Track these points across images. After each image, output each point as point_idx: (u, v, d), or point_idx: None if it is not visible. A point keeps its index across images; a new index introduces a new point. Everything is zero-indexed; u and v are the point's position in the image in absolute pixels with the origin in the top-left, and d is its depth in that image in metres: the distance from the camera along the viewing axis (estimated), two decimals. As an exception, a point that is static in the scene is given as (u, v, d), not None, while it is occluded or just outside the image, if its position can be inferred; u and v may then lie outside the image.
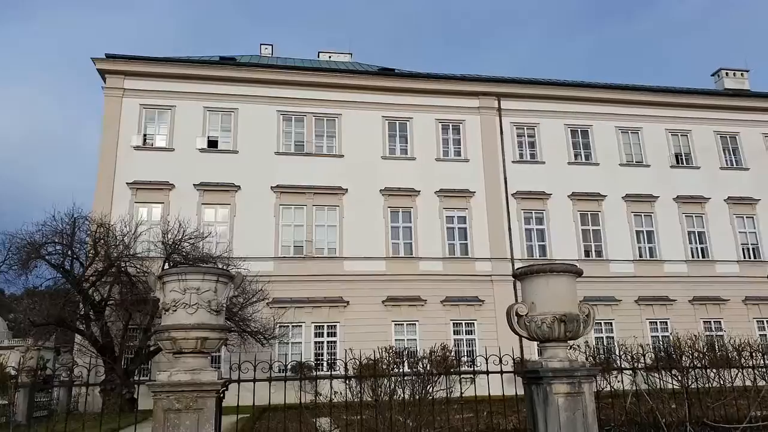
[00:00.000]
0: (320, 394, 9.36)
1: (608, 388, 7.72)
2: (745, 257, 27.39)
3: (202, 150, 24.41)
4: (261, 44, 31.48)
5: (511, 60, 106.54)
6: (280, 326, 21.38)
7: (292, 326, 22.77)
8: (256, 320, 18.78)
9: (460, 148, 26.73)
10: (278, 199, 24.36)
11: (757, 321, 25.58)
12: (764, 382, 7.65)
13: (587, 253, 26.23)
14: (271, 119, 25.25)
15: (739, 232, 27.75)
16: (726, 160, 28.82)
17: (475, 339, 23.98)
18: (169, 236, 18.50)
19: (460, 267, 25.07)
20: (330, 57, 31.35)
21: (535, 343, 7.24)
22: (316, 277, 23.40)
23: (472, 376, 8.29)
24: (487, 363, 7.88)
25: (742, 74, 33.49)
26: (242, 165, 24.35)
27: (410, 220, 25.28)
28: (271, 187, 24.32)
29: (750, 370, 7.78)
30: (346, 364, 8.18)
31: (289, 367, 21.17)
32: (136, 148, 23.91)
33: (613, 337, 23.96)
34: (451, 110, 26.92)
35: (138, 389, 16.76)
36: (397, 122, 26.43)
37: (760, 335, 24.38)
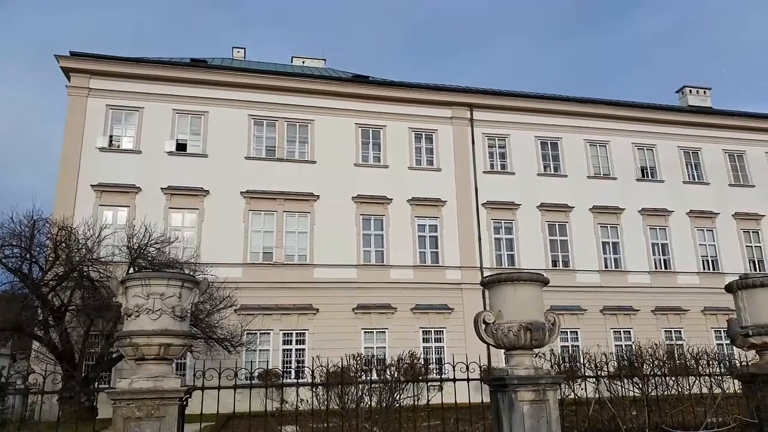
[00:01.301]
0: (286, 402, 9.27)
1: (572, 396, 7.83)
2: (704, 269, 28.18)
3: (170, 153, 24.03)
4: (233, 47, 31.30)
5: (486, 72, 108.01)
6: (247, 333, 21.09)
7: (260, 333, 22.50)
8: (223, 327, 18.49)
9: (432, 157, 26.92)
10: (248, 205, 24.12)
11: (715, 330, 26.29)
12: (720, 390, 7.87)
13: (554, 263, 26.65)
14: (242, 123, 25.03)
15: (700, 244, 28.57)
16: (689, 175, 29.68)
17: (443, 347, 24.09)
18: (135, 240, 18.12)
19: (431, 275, 25.19)
20: (303, 62, 31.30)
21: (502, 351, 7.33)
22: (286, 284, 23.21)
23: (439, 383, 8.34)
24: (454, 371, 7.92)
25: (704, 92, 34.60)
26: (212, 169, 24.06)
27: (382, 228, 25.31)
28: (241, 192, 24.08)
29: (707, 378, 8.00)
30: (313, 372, 8.13)
31: (255, 374, 20.87)
32: (102, 149, 23.39)
33: (578, 346, 24.33)
34: (424, 119, 27.12)
35: (97, 397, 16.31)
36: (371, 130, 26.50)
37: (717, 344, 25.07)
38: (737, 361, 8.86)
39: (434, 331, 24.47)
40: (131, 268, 16.95)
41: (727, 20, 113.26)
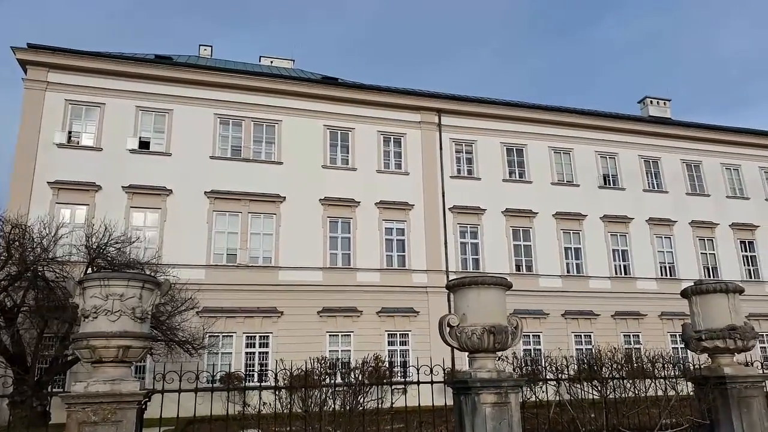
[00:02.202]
0: (248, 406, 9.14)
1: (534, 399, 7.95)
2: (662, 275, 29.03)
3: (132, 151, 23.49)
4: (200, 45, 30.86)
5: (454, 81, 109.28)
6: (209, 336, 20.76)
7: (223, 336, 22.16)
8: (185, 329, 18.12)
9: (400, 161, 27.02)
10: (212, 205, 23.75)
11: (671, 335, 27.07)
12: (674, 392, 8.11)
13: (518, 267, 27.04)
14: (207, 122, 24.65)
15: (658, 251, 29.41)
16: (648, 183, 30.53)
17: (408, 350, 24.16)
18: (94, 240, 17.60)
19: (397, 278, 25.26)
20: (272, 62, 31.03)
21: (466, 354, 7.39)
22: (250, 287, 22.92)
23: (403, 386, 8.35)
24: (418, 373, 7.97)
25: (664, 103, 35.71)
26: (175, 168, 23.60)
27: (349, 231, 25.25)
28: (205, 192, 23.70)
29: (662, 380, 8.24)
30: (276, 375, 8.05)
31: (217, 377, 20.54)
32: (60, 145, 22.69)
33: (540, 349, 24.73)
34: (392, 123, 27.21)
35: (50, 401, 15.79)
36: (339, 132, 26.44)
37: (673, 348, 25.85)
38: (691, 365, 9.14)
39: (400, 334, 24.53)
40: (90, 269, 16.46)
41: (689, 35, 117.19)
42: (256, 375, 21.53)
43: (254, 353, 22.56)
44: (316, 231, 24.67)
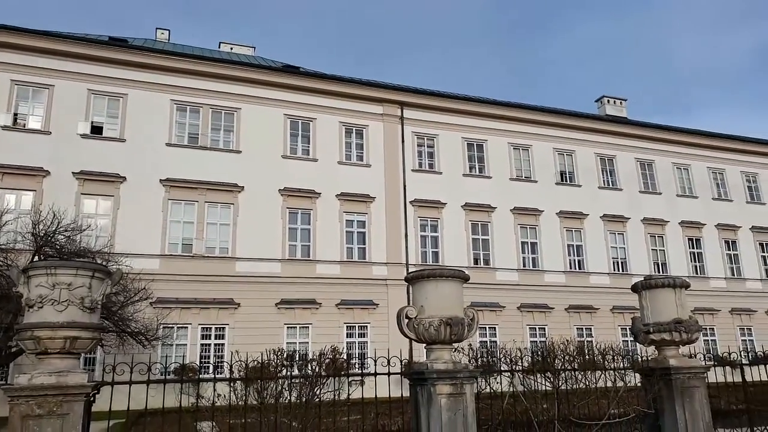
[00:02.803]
0: (202, 398, 8.99)
1: (488, 390, 8.08)
2: (614, 270, 29.92)
3: (83, 136, 22.66)
4: (157, 28, 29.99)
5: (420, 74, 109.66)
6: (163, 327, 20.30)
7: (177, 327, 21.71)
8: (138, 320, 17.68)
9: (362, 152, 26.94)
10: (167, 194, 23.17)
11: (622, 328, 27.95)
12: (623, 383, 8.38)
13: (476, 261, 27.42)
14: (163, 108, 23.98)
15: (611, 246, 30.30)
16: (603, 181, 31.36)
17: (367, 342, 24.22)
18: (41, 227, 16.94)
19: (357, 271, 25.23)
20: (232, 49, 30.39)
21: (424, 346, 7.45)
22: (206, 277, 22.52)
23: (360, 378, 8.35)
24: (375, 365, 7.97)
25: (621, 102, 36.69)
26: (129, 155, 22.90)
27: (309, 222, 25.06)
28: (161, 180, 23.10)
29: (612, 372, 8.50)
30: (231, 367, 7.94)
31: (171, 369, 20.14)
32: (4, 128, 21.66)
33: (496, 341, 25.16)
34: (355, 114, 27.08)
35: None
36: (300, 122, 26.16)
37: (623, 341, 26.69)
38: (639, 357, 9.45)
39: (358, 326, 24.55)
40: (36, 257, 15.85)
41: (647, 37, 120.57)
42: (211, 367, 21.20)
43: (210, 345, 22.21)
44: (275, 222, 24.39)
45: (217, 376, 8.05)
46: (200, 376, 19.12)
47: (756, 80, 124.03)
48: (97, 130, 23.02)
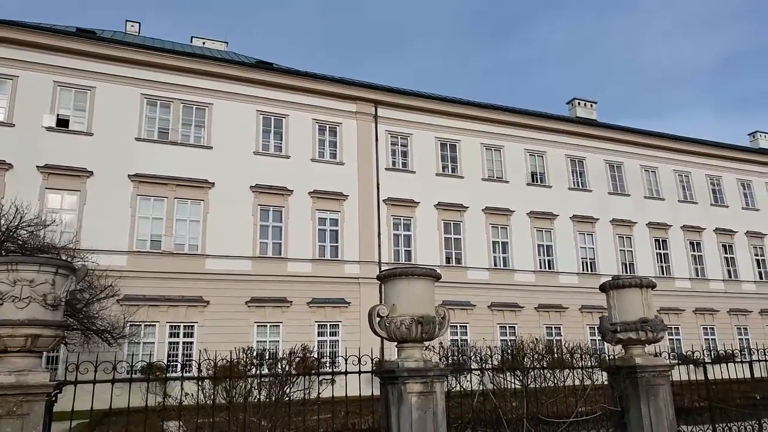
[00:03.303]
0: (169, 396, 8.83)
1: (458, 388, 8.12)
2: (583, 270, 30.42)
3: (49, 129, 22.05)
4: (127, 21, 29.31)
5: (394, 74, 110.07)
6: (130, 325, 19.92)
7: (145, 325, 21.33)
8: (104, 318, 17.29)
9: (335, 150, 26.83)
10: (136, 189, 22.71)
11: (590, 327, 28.42)
12: (590, 381, 8.51)
13: (448, 259, 27.58)
14: (133, 102, 23.50)
15: (581, 247, 30.80)
16: (573, 182, 31.85)
17: (338, 340, 24.14)
18: (3, 222, 16.43)
19: (329, 269, 25.13)
20: (204, 43, 29.92)
21: (395, 344, 7.44)
22: (175, 275, 22.15)
23: (331, 376, 8.31)
24: (346, 363, 7.94)
25: (591, 105, 37.30)
26: (97, 149, 22.37)
27: (281, 220, 24.85)
28: (129, 175, 22.62)
29: (580, 370, 8.63)
30: (199, 365, 7.81)
31: (138, 368, 19.76)
32: (-34, 119, 20.99)
33: (467, 340, 25.36)
34: (328, 112, 26.95)
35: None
36: (273, 118, 25.91)
37: (591, 340, 27.16)
38: (607, 355, 9.61)
39: (330, 325, 24.46)
40: (-2, 252, 15.37)
41: (618, 41, 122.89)
42: (179, 366, 20.85)
43: (178, 343, 21.86)
44: (246, 219, 24.13)
45: (184, 374, 7.90)
46: (167, 374, 18.79)
47: (722, 85, 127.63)
48: (63, 124, 22.44)
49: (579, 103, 36.93)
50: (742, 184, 36.71)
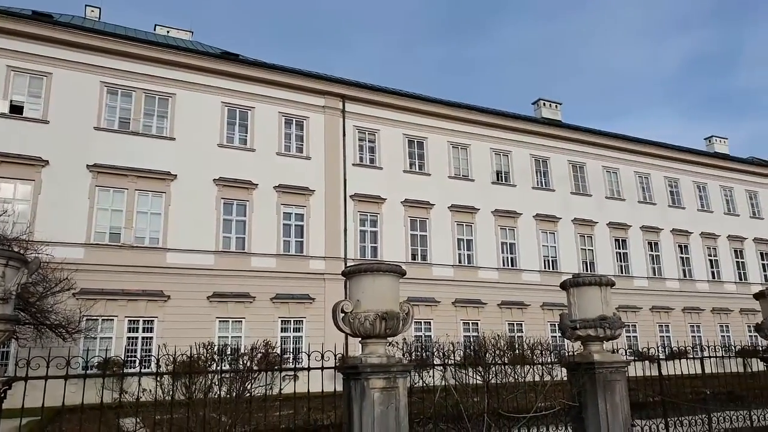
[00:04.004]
0: (126, 392, 8.62)
1: (421, 383, 8.14)
2: (545, 268, 30.97)
3: (2, 115, 21.21)
4: (87, 5, 28.40)
5: (357, 68, 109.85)
6: (87, 319, 19.38)
7: (103, 320, 20.77)
8: (59, 312, 16.78)
9: (302, 144, 26.59)
10: (95, 180, 22.05)
11: (551, 324, 28.96)
12: (550, 377, 8.66)
13: (414, 256, 27.69)
14: (92, 90, 22.78)
15: (543, 245, 31.34)
16: (537, 181, 32.36)
17: (302, 336, 23.98)
18: (-49, 211, 15.77)
19: (294, 264, 24.92)
20: (168, 32, 29.22)
21: (359, 340, 7.42)
22: (134, 268, 21.63)
23: (293, 372, 8.24)
24: (308, 359, 7.88)
25: (556, 106, 37.93)
26: (53, 137, 21.63)
27: (245, 214, 24.51)
28: (88, 165, 21.95)
29: (540, 366, 8.77)
30: (158, 361, 7.64)
31: (94, 364, 19.23)
32: None
33: (431, 336, 25.54)
34: (295, 105, 26.69)
35: None
36: (238, 110, 25.51)
37: (552, 336, 27.68)
38: (566, 352, 9.78)
39: (294, 320, 24.27)
40: (-55, 243, 14.72)
41: (585, 44, 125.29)
42: (137, 361, 20.38)
43: (137, 338, 21.36)
44: (209, 212, 23.72)
45: (143, 370, 7.73)
46: (124, 370, 18.39)
47: (684, 88, 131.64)
48: (17, 110, 21.61)
49: (544, 104, 37.51)
50: (698, 187, 37.95)
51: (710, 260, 36.72)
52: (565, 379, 9.06)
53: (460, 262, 28.85)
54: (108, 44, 23.26)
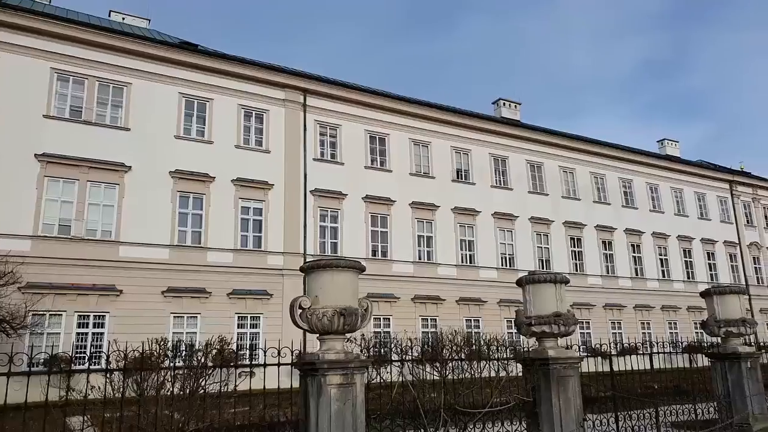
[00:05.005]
0: (73, 390, 8.34)
1: (379, 380, 8.14)
2: (503, 265, 31.46)
3: (-57, 100, 20.19)
4: (38, -12, 27.18)
5: (318, 62, 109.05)
6: (33, 314, 18.65)
7: (50, 315, 20.00)
8: (2, 307, 16.09)
9: (262, 138, 26.19)
10: (44, 170, 21.18)
11: (507, 320, 29.43)
12: (506, 373, 8.79)
13: (374, 252, 27.69)
14: (42, 76, 21.84)
15: (501, 243, 31.81)
16: (496, 180, 32.80)
17: (259, 333, 23.68)
18: None
19: (252, 260, 24.56)
20: (123, 19, 28.26)
21: (317, 336, 7.35)
22: (85, 262, 20.92)
23: (249, 369, 8.11)
24: (265, 355, 7.78)
25: (515, 106, 38.53)
26: None
27: (201, 207, 24.00)
28: (36, 155, 21.06)
29: (496, 362, 8.89)
30: (108, 357, 7.42)
31: (40, 360, 18.50)
32: None
33: (390, 332, 25.61)
34: (255, 98, 26.26)
35: None
36: (196, 101, 24.93)
37: (508, 332, 28.20)
38: (522, 348, 9.95)
39: (251, 317, 23.94)
40: None
41: (544, 45, 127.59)
42: (87, 358, 19.74)
43: (87, 334, 20.67)
44: (165, 205, 23.13)
45: (92, 367, 7.48)
46: (71, 367, 17.77)
47: (638, 91, 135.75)
48: (-41, 95, 20.56)
49: (504, 104, 38.05)
50: (650, 188, 39.21)
51: (661, 259, 38.03)
52: (521, 374, 9.22)
53: (420, 258, 29.01)
54: (59, 29, 22.34)
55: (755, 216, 44.74)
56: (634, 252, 36.87)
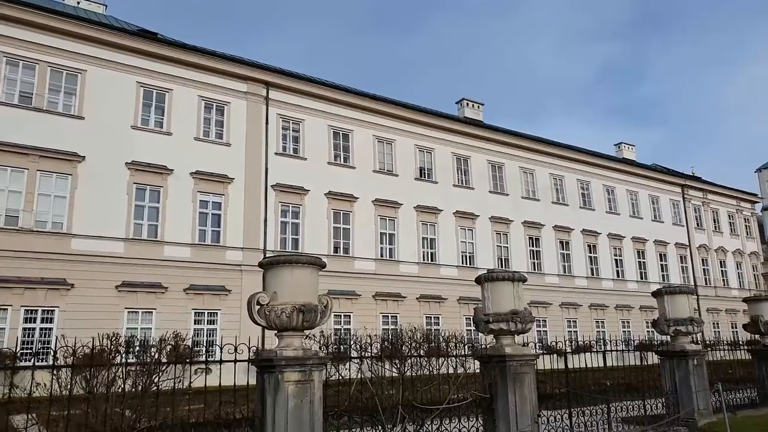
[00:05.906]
0: (17, 387, 8.00)
1: (338, 376, 8.09)
2: (463, 263, 31.77)
3: None
4: (-12, -32, 25.95)
5: (281, 55, 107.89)
6: (-24, 309, 17.83)
7: (-5, 310, 19.18)
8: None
9: (222, 130, 25.70)
10: (-10, 158, 20.30)
11: (466, 318, 29.63)
12: (464, 370, 8.86)
13: (336, 249, 27.55)
14: (-10, 60, 20.92)
15: (461, 241, 32.12)
16: (458, 179, 33.08)
17: (217, 329, 23.26)
18: None
19: (210, 255, 24.09)
20: (78, 3, 27.28)
21: (275, 333, 7.25)
22: (34, 254, 20.13)
23: (205, 365, 7.94)
24: (221, 352, 7.63)
25: (478, 106, 38.94)
26: (-57, 109, 19.71)
27: (158, 200, 23.40)
28: (-18, 142, 20.16)
29: (454, 359, 8.95)
30: (55, 353, 7.14)
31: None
32: None
33: (350, 329, 25.54)
34: (216, 90, 25.75)
35: None
36: (155, 91, 24.26)
37: (467, 330, 28.51)
38: (480, 345, 10.06)
39: (208, 312, 23.49)
40: None
41: (509, 47, 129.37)
42: (33, 353, 18.99)
43: (35, 329, 19.90)
44: (120, 197, 22.46)
45: (38, 363, 7.18)
46: (15, 364, 17.06)
47: (598, 95, 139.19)
48: None
49: (468, 104, 38.41)
50: (607, 190, 40.24)
51: (616, 260, 39.10)
52: (478, 371, 9.30)
53: (381, 256, 29.02)
54: (8, 11, 21.37)
55: (704, 219, 46.49)
56: (590, 252, 37.78)
